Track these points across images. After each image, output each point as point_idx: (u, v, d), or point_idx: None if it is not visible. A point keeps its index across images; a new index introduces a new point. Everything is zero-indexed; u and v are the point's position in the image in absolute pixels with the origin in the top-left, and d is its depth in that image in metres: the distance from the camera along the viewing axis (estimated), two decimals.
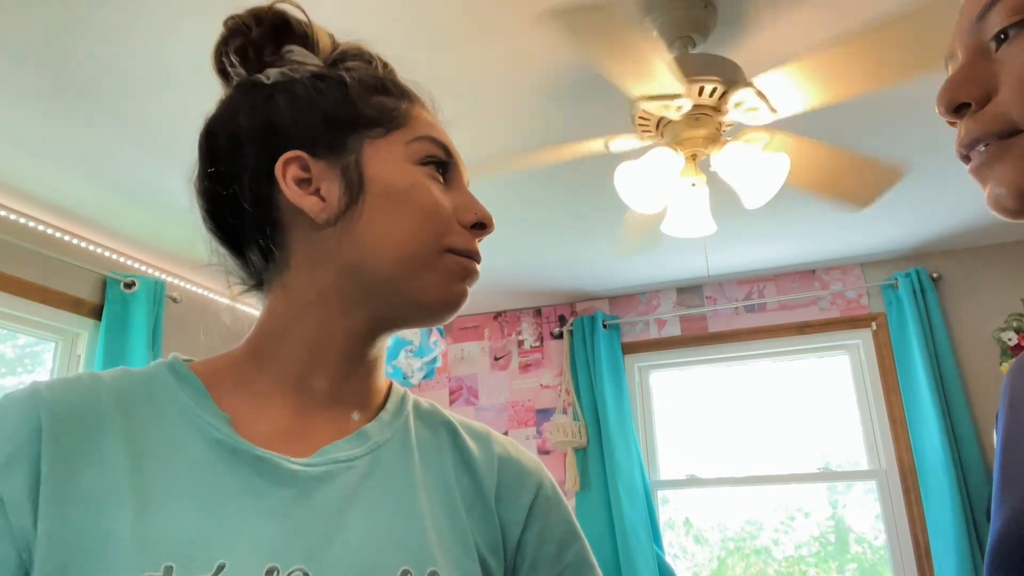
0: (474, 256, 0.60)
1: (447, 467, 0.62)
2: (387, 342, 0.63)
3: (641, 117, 1.64)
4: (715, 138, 1.66)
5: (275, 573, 0.48)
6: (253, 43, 0.62)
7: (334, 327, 0.58)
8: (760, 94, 1.53)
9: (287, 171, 0.57)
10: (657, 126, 1.67)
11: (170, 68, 1.71)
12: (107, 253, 2.73)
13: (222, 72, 0.62)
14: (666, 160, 1.66)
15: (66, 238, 2.57)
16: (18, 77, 1.73)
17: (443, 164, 0.61)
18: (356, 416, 0.60)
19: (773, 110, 1.57)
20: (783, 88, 1.51)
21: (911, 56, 1.37)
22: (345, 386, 0.60)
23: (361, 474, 0.56)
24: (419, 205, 0.58)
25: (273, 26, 0.62)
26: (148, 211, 2.45)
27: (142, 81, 1.76)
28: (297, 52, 0.62)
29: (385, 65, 0.66)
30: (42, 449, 0.49)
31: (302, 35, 0.63)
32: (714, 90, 1.57)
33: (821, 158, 1.75)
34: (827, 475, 3.23)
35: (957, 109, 0.49)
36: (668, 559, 3.17)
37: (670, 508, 3.44)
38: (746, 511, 3.32)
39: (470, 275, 0.60)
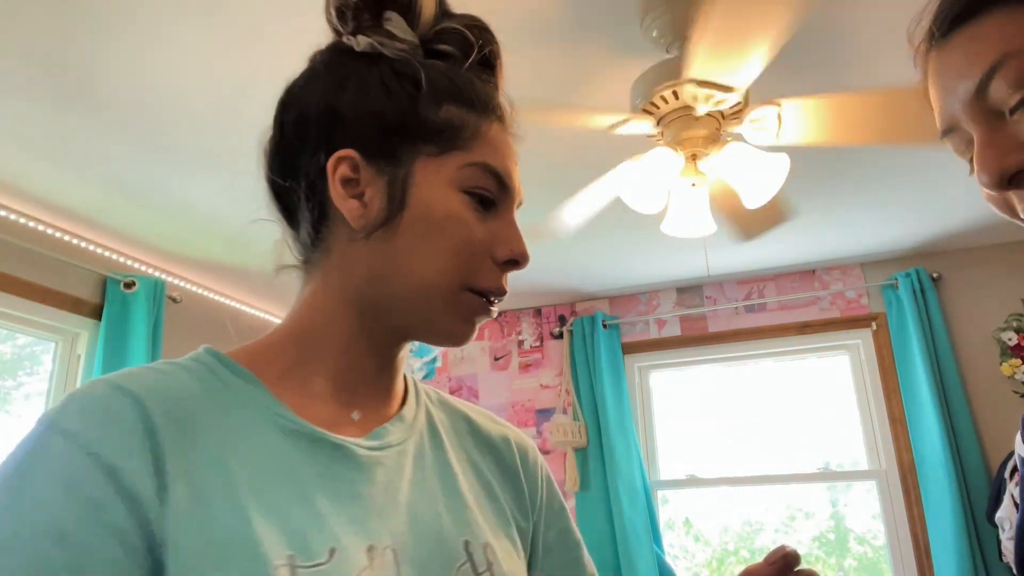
0: (497, 293, 0.59)
1: (471, 449, 0.67)
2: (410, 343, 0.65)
3: (654, 102, 1.62)
4: (715, 138, 1.66)
5: (372, 551, 0.51)
6: (350, 4, 0.59)
7: (364, 330, 0.60)
8: (779, 117, 1.53)
9: (337, 168, 0.57)
10: (660, 121, 1.66)
11: (170, 68, 1.71)
12: (107, 253, 2.72)
13: (336, 31, 0.60)
14: (666, 160, 1.66)
15: (66, 238, 2.57)
16: (18, 77, 1.73)
17: (490, 194, 0.59)
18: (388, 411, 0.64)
19: (779, 136, 1.57)
20: (797, 117, 1.52)
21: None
22: (377, 382, 0.62)
23: (411, 456, 0.60)
24: (451, 240, 0.57)
25: None
26: (148, 211, 2.45)
27: (142, 81, 1.76)
28: (395, 21, 0.59)
29: (484, 53, 0.61)
30: (163, 451, 0.47)
31: (404, 1, 0.59)
32: (738, 101, 1.56)
33: None
34: (827, 475, 3.22)
35: (1012, 179, 0.46)
36: (668, 559, 3.17)
37: (670, 508, 3.44)
38: (746, 511, 3.32)
39: (481, 315, 0.59)
